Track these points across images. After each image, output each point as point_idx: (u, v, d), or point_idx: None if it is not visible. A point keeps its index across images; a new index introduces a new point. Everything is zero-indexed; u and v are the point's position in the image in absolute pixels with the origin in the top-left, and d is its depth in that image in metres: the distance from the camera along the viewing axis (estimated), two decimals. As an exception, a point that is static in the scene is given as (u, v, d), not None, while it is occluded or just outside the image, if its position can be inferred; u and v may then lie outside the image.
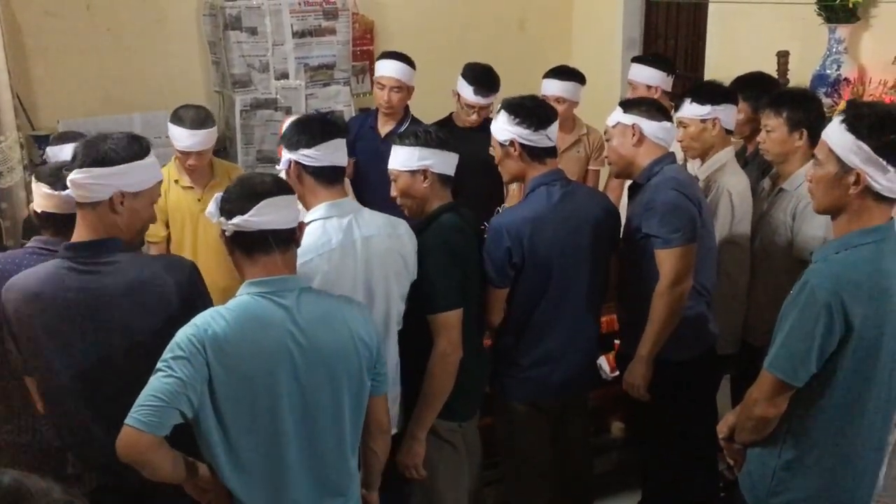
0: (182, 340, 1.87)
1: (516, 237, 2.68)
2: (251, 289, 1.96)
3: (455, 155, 2.67)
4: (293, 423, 1.95)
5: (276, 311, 1.94)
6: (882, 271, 1.99)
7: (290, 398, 1.94)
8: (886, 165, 1.94)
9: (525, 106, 2.75)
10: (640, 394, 2.88)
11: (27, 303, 2.10)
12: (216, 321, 1.90)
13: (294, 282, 2.00)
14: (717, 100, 3.14)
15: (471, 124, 3.91)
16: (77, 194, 2.12)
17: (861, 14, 4.03)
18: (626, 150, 2.91)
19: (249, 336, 1.91)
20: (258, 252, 1.97)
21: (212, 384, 1.87)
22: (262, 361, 1.91)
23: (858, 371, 2.03)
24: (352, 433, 2.06)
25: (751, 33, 4.61)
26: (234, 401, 1.90)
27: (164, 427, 1.83)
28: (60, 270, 2.11)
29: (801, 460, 2.14)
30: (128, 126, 4.74)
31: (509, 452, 2.99)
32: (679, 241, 2.75)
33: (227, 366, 1.88)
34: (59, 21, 4.62)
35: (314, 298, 2.03)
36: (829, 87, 4.03)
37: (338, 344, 1.99)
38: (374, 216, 2.50)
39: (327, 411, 2.00)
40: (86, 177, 2.09)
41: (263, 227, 1.95)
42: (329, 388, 1.99)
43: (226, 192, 2.01)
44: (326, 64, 4.90)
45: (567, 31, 6.05)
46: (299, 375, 1.94)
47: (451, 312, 2.53)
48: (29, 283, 2.11)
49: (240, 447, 1.92)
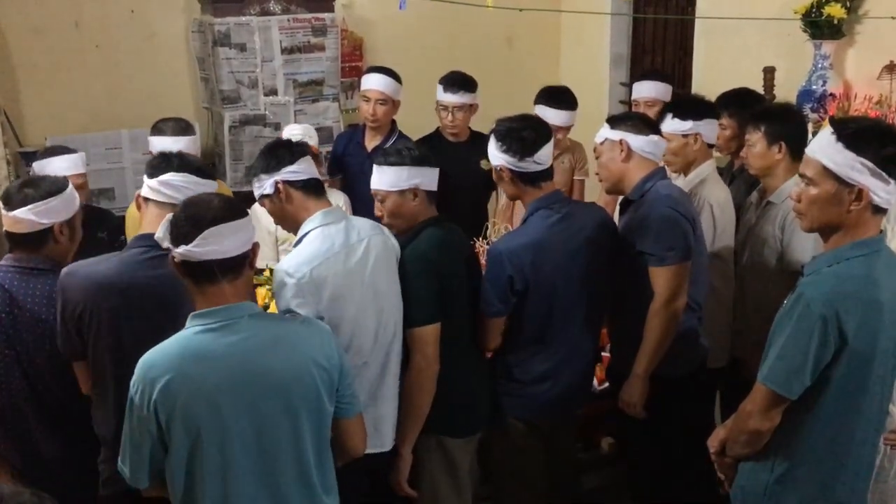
0: (132, 389, 1.88)
1: (518, 264, 2.65)
2: (195, 322, 1.91)
3: (437, 169, 2.67)
4: (248, 458, 1.89)
5: (219, 344, 1.88)
6: (874, 283, 2.00)
7: (242, 435, 1.88)
8: (888, 178, 1.96)
9: (511, 131, 2.69)
10: (637, 411, 2.86)
11: (100, 290, 2.21)
12: (157, 364, 1.86)
13: (240, 309, 1.93)
14: (698, 115, 3.14)
15: (451, 131, 3.92)
16: (167, 194, 2.31)
17: (846, 30, 4.07)
18: (615, 166, 2.89)
19: (191, 373, 1.85)
20: (204, 282, 1.91)
21: (160, 428, 1.86)
22: (205, 398, 1.85)
23: (850, 383, 2.03)
24: (317, 463, 1.99)
25: (737, 50, 4.64)
26: (184, 441, 1.86)
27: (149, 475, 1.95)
28: (132, 259, 2.26)
29: (794, 474, 2.14)
30: (115, 142, 4.75)
31: (504, 469, 2.97)
32: (674, 259, 2.74)
33: (170, 407, 1.84)
34: (47, 38, 4.62)
35: (263, 325, 1.97)
36: (814, 102, 4.07)
37: (291, 370, 1.93)
38: (362, 221, 2.54)
39: (286, 443, 1.93)
40: (183, 181, 2.31)
41: (208, 257, 1.88)
42: (286, 419, 1.92)
43: (174, 217, 1.94)
44: (315, 80, 4.91)
45: (555, 47, 6.09)
46: (249, 409, 1.88)
47: (426, 327, 2.51)
48: (97, 272, 2.24)
49: (196, 486, 1.89)
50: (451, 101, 3.87)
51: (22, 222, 2.41)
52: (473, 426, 2.79)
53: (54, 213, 2.44)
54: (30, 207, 2.40)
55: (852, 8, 4.03)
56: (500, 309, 2.70)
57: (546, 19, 5.68)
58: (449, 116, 3.89)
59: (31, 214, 2.40)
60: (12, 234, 2.45)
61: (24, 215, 2.40)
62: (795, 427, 2.10)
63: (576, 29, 5.88)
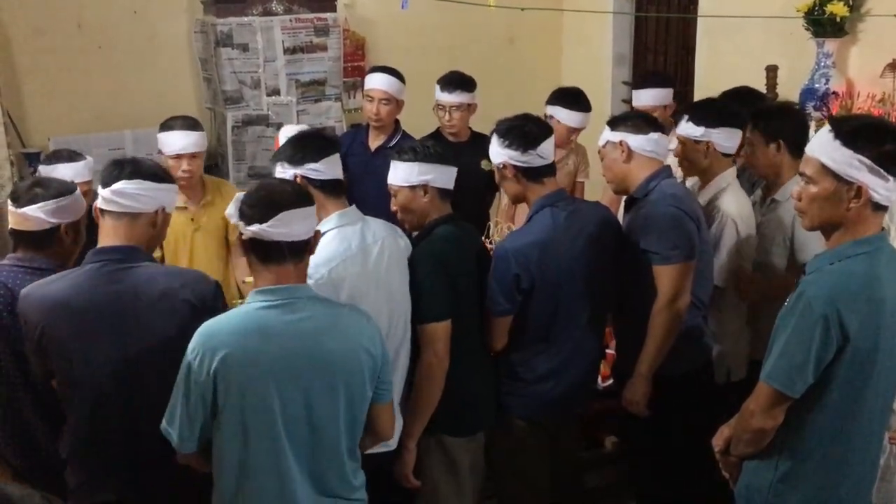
0: (191, 355, 1.95)
1: (524, 262, 2.66)
2: (257, 298, 2.01)
3: (453, 168, 2.69)
4: (296, 433, 1.99)
5: (280, 321, 1.98)
6: (877, 281, 1.99)
7: (293, 409, 1.98)
8: (886, 175, 1.96)
9: (513, 127, 2.72)
10: (640, 410, 2.86)
11: (55, 310, 2.15)
12: (218, 334, 1.96)
13: (301, 290, 2.04)
14: (710, 122, 3.03)
15: (450, 131, 3.93)
16: (122, 203, 2.20)
17: (849, 28, 4.06)
18: (617, 167, 2.90)
19: (252, 347, 1.95)
20: (272, 261, 2.01)
21: (215, 396, 1.95)
22: (262, 371, 1.95)
23: (853, 381, 2.03)
24: (349, 441, 2.09)
25: (739, 48, 4.64)
26: (238, 411, 1.96)
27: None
28: (90, 275, 2.17)
29: (797, 472, 2.14)
30: (118, 143, 4.75)
31: (507, 468, 2.97)
32: (678, 257, 2.74)
33: (228, 377, 1.93)
34: (50, 39, 4.63)
35: (321, 307, 2.07)
36: (817, 100, 4.06)
37: (343, 353, 2.03)
38: (377, 222, 2.57)
39: (329, 419, 2.03)
40: (137, 188, 2.20)
41: (280, 238, 1.99)
42: (329, 397, 2.02)
43: (247, 196, 2.05)
44: (318, 80, 4.91)
45: (557, 47, 6.09)
46: (302, 385, 1.98)
47: (437, 324, 2.53)
48: (53, 291, 2.17)
49: (247, 453, 1.98)
50: (448, 101, 3.88)
51: (30, 220, 2.43)
52: (475, 425, 2.79)
53: (62, 213, 2.46)
54: (39, 206, 2.42)
55: (855, 6, 4.02)
56: (506, 308, 2.70)
57: (548, 19, 5.68)
58: (447, 116, 3.90)
59: (40, 212, 2.42)
60: (19, 232, 2.47)
61: (33, 213, 2.42)
62: (799, 425, 2.10)
63: (578, 28, 5.87)
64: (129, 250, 2.20)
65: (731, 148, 3.08)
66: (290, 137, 2.59)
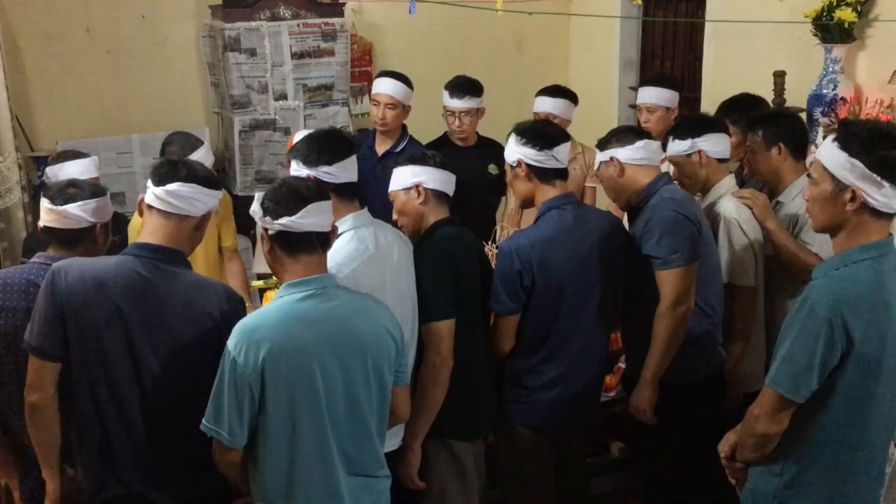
0: (234, 350, 2.01)
1: (527, 260, 2.66)
2: (291, 290, 2.10)
3: (452, 175, 2.70)
4: (336, 408, 2.09)
5: (320, 309, 2.09)
6: (882, 286, 1.99)
7: (335, 391, 2.08)
8: (881, 181, 1.96)
9: (532, 128, 2.79)
10: (647, 417, 2.85)
11: (91, 285, 2.15)
12: (260, 328, 2.04)
13: (329, 279, 2.15)
14: (695, 132, 3.03)
15: (459, 136, 3.94)
16: (174, 204, 2.22)
17: (857, 34, 4.06)
18: (615, 183, 2.93)
19: (298, 336, 2.05)
20: (302, 252, 2.11)
21: (263, 387, 2.02)
22: (308, 358, 2.05)
23: (859, 387, 2.02)
24: (378, 421, 2.21)
25: (747, 53, 4.63)
26: (286, 399, 2.04)
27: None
28: (131, 265, 2.19)
29: (803, 478, 2.13)
30: (126, 147, 4.77)
31: (512, 476, 2.96)
32: (679, 261, 2.73)
33: (276, 368, 2.01)
34: (58, 43, 4.65)
35: (349, 294, 2.20)
36: (825, 106, 4.06)
37: (373, 335, 2.15)
38: (385, 226, 2.59)
39: (364, 398, 2.14)
40: (191, 192, 2.23)
41: (309, 228, 2.09)
42: (362, 376, 2.13)
43: (270, 193, 2.13)
44: (325, 85, 4.93)
45: (564, 51, 6.10)
46: (342, 367, 2.09)
47: (442, 322, 2.54)
48: (93, 270, 2.18)
49: (296, 442, 2.07)
50: (457, 107, 3.88)
51: (70, 218, 2.46)
52: (480, 429, 2.79)
53: (99, 212, 2.52)
54: (79, 204, 2.46)
55: (863, 12, 4.02)
56: (510, 307, 2.70)
57: (555, 23, 5.69)
58: (456, 122, 3.91)
59: (80, 211, 2.46)
60: (53, 230, 2.49)
61: (74, 211, 2.45)
62: (804, 431, 2.10)
63: (585, 33, 5.88)
64: (172, 252, 2.23)
65: (722, 153, 3.06)
66: (308, 135, 2.57)
